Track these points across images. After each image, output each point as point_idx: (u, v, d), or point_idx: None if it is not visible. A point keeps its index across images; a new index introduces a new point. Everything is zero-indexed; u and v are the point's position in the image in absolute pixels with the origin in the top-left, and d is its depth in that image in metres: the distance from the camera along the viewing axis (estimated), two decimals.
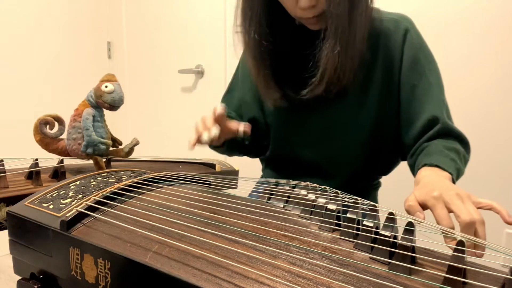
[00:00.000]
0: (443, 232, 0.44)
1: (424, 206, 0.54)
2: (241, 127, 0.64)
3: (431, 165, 0.63)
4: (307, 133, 0.83)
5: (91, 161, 0.74)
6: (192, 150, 0.66)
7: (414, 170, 0.72)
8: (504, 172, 1.26)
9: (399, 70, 0.76)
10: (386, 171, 0.88)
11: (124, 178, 0.58)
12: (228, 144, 0.83)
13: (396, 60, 0.76)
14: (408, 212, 0.54)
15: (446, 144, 0.69)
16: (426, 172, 0.62)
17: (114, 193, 0.52)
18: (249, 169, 1.01)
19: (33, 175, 0.68)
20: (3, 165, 0.68)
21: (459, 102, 1.28)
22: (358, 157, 0.81)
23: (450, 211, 0.50)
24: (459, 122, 0.72)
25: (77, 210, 0.46)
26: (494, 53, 1.26)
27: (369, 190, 0.90)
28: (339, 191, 0.53)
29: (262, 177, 0.96)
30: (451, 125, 0.72)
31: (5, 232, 0.55)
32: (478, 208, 0.50)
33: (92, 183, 0.56)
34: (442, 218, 0.49)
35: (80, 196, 0.51)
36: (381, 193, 0.93)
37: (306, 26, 0.76)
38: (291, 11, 0.73)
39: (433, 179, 0.59)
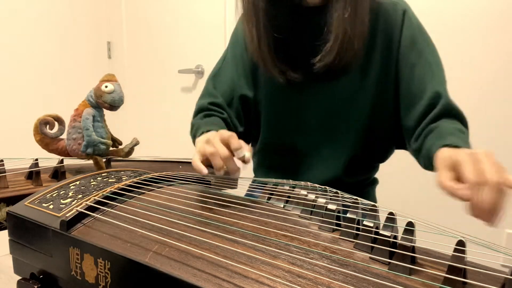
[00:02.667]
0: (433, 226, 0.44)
1: (455, 166, 0.49)
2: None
3: (450, 146, 0.60)
4: (304, 118, 0.81)
5: (91, 161, 0.74)
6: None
7: (420, 153, 0.70)
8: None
9: (397, 50, 0.76)
10: (383, 158, 0.88)
11: (124, 178, 0.58)
12: None
13: (395, 40, 0.76)
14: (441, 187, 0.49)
15: (453, 125, 0.67)
16: (451, 151, 0.57)
17: (114, 193, 0.52)
18: (250, 169, 1.01)
19: (33, 175, 0.68)
20: (3, 165, 0.68)
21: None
22: (355, 142, 0.80)
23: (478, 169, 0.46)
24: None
25: (77, 210, 0.46)
26: (493, 54, 1.26)
27: (366, 186, 0.89)
28: (339, 191, 0.53)
29: (255, 176, 0.95)
30: (453, 103, 0.71)
31: (5, 232, 0.55)
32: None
33: (92, 183, 0.56)
34: (470, 171, 0.45)
35: (80, 196, 0.51)
36: (378, 191, 0.93)
37: (304, 3, 0.76)
38: None
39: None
